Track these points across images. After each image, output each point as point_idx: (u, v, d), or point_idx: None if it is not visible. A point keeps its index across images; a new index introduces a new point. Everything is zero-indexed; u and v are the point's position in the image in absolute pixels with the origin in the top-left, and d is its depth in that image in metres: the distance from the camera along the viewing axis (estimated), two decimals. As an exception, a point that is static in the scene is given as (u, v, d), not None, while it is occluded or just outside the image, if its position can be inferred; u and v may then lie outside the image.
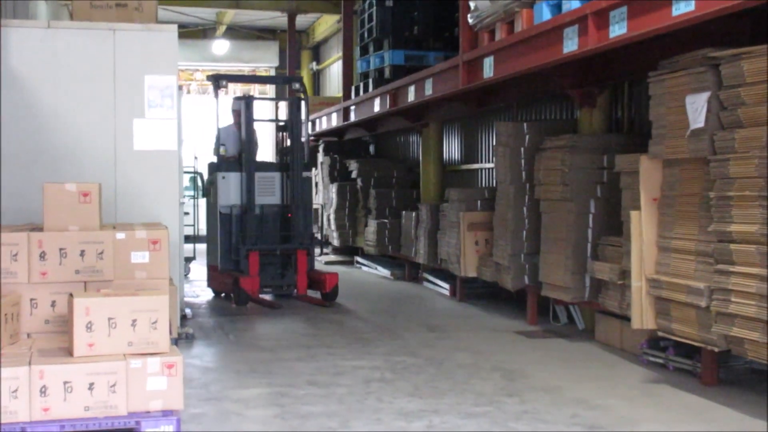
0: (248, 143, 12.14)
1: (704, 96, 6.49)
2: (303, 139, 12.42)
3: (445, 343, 8.89)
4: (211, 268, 12.60)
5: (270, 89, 24.68)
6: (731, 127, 6.33)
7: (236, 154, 12.43)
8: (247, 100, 12.36)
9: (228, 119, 12.70)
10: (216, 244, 12.27)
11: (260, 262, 11.91)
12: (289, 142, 12.62)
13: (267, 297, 12.03)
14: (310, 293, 12.03)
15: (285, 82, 16.12)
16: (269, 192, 12.27)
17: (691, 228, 6.84)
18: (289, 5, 21.16)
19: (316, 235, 12.95)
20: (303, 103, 12.50)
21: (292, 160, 12.16)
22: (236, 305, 11.32)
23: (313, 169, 17.02)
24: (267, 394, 6.84)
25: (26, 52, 7.56)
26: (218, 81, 12.55)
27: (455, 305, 11.65)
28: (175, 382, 5.19)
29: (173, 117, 7.86)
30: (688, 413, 6.27)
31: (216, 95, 12.69)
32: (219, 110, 12.51)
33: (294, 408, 6.38)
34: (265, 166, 12.52)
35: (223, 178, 12.18)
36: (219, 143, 12.51)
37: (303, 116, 12.48)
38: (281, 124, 13.27)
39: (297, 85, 13.02)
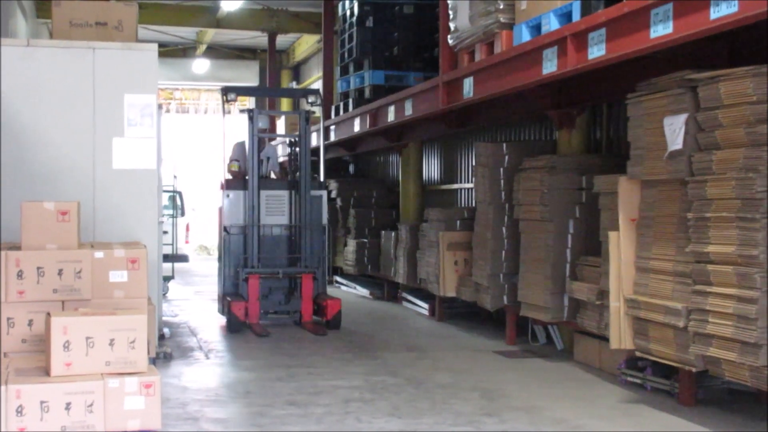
0: (253, 159, 11.53)
1: (682, 118, 6.54)
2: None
3: (424, 363, 8.88)
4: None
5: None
6: (709, 149, 6.37)
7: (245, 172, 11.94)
8: (251, 113, 11.74)
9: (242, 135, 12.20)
10: (221, 268, 11.78)
11: (266, 286, 11.39)
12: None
13: (262, 323, 11.24)
14: (317, 320, 11.38)
15: (301, 94, 15.06)
16: (278, 211, 11.75)
17: (668, 248, 6.87)
18: (270, 25, 21.19)
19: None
20: (321, 113, 11.93)
21: (301, 177, 11.61)
22: (228, 332, 10.86)
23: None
24: (246, 414, 6.81)
25: (5, 70, 7.52)
26: (227, 94, 12.04)
27: (434, 325, 11.64)
28: (152, 401, 5.16)
29: (152, 136, 7.82)
30: (666, 433, 6.29)
31: (224, 109, 12.30)
32: (225, 125, 12.05)
33: (272, 428, 6.35)
34: (273, 184, 11.99)
35: (228, 196, 11.67)
36: (232, 158, 12.11)
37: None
38: (293, 139, 12.50)
39: (313, 98, 12.42)
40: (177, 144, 25.91)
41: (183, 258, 16.97)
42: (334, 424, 6.43)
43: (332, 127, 15.66)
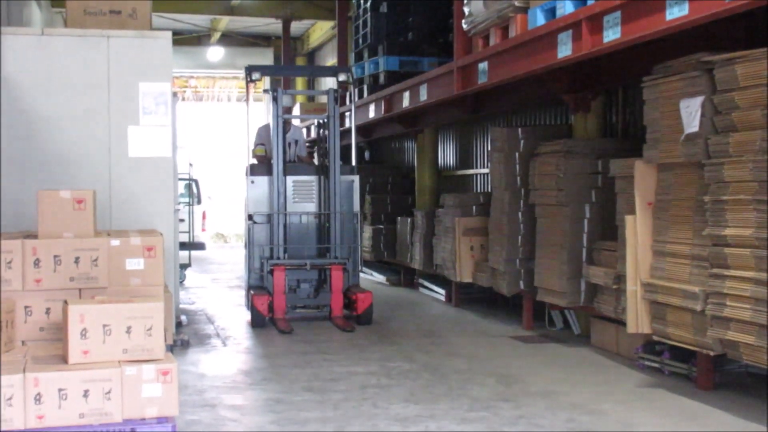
0: (278, 142, 10.88)
1: (698, 100, 6.50)
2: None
3: (440, 349, 8.88)
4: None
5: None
6: (725, 131, 6.33)
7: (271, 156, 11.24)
8: (275, 93, 11.03)
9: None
10: (246, 259, 11.17)
11: (293, 278, 10.82)
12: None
13: (289, 318, 10.61)
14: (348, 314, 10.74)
15: (330, 72, 13.73)
16: (307, 198, 11.17)
17: (685, 232, 6.84)
18: (284, 11, 21.17)
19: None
20: (352, 95, 11.38)
21: (330, 161, 11.00)
22: (252, 327, 10.29)
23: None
24: (263, 401, 6.83)
25: (20, 59, 7.55)
26: (251, 74, 11.37)
27: (451, 311, 11.64)
28: (170, 388, 5.17)
29: (168, 124, 7.84)
30: (683, 417, 6.27)
31: (247, 90, 11.77)
32: (248, 108, 11.47)
33: (290, 414, 6.37)
34: (301, 169, 11.33)
35: (253, 182, 11.03)
36: (257, 142, 11.55)
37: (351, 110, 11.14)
38: (321, 121, 11.75)
39: (344, 76, 11.50)
40: (192, 132, 25.97)
41: (199, 246, 17.01)
42: (351, 410, 6.44)
43: (347, 114, 15.65)
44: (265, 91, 12.19)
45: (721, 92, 6.33)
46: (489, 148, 11.25)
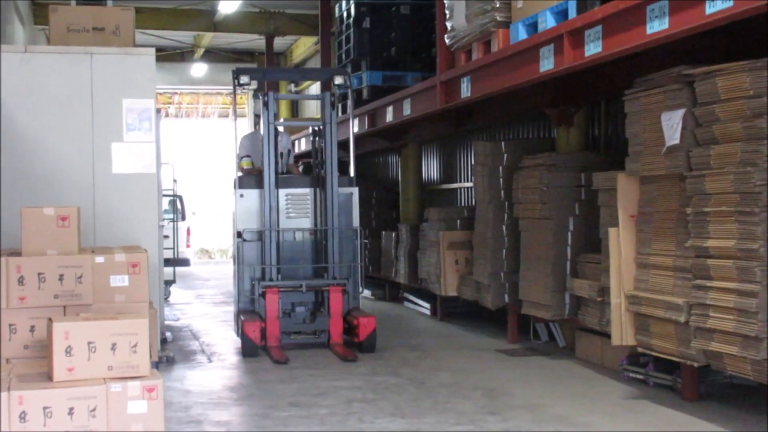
0: (269, 151, 9.98)
1: (679, 113, 6.54)
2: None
3: (426, 363, 8.88)
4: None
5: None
6: (706, 144, 6.37)
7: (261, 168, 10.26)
8: (266, 97, 10.12)
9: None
10: (234, 280, 10.30)
11: (287, 302, 9.88)
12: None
13: (284, 343, 9.73)
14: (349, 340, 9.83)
15: (326, 75, 13.03)
16: (301, 213, 10.25)
17: (668, 244, 6.87)
18: (267, 27, 21.17)
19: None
20: (349, 101, 10.83)
21: (326, 172, 10.10)
22: (243, 356, 9.38)
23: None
24: (249, 416, 6.81)
25: (4, 76, 7.54)
26: (239, 77, 10.43)
27: (436, 324, 11.64)
28: (155, 405, 5.16)
29: (151, 140, 7.84)
30: (669, 429, 6.28)
31: (235, 94, 11.02)
32: (232, 117, 10.90)
33: (276, 428, 6.35)
34: (294, 181, 10.43)
35: (242, 196, 10.11)
36: (241, 155, 10.68)
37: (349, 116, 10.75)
38: (317, 128, 10.71)
39: (341, 79, 10.90)
40: (176, 148, 25.92)
41: (184, 262, 16.97)
42: (337, 425, 6.43)
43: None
44: (255, 95, 11.57)
45: (702, 105, 6.37)
46: (473, 162, 11.27)
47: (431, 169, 15.10)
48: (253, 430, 6.40)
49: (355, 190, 10.48)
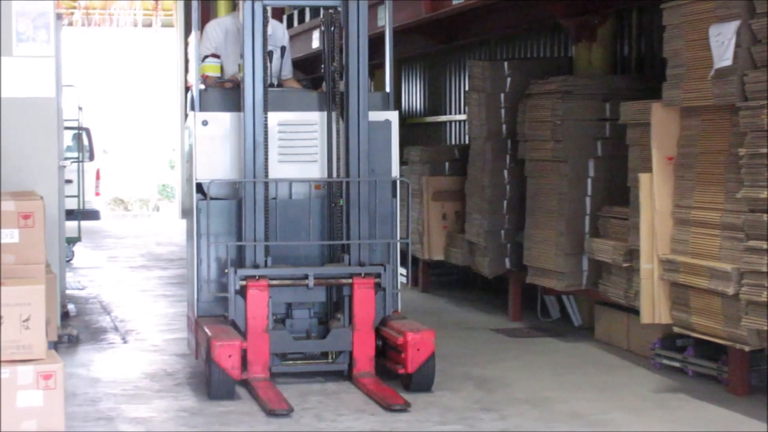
0: (253, 46, 7.78)
1: (732, 26, 6.54)
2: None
3: (404, 345, 8.90)
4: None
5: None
6: (766, 66, 6.38)
7: (238, 77, 8.27)
8: None
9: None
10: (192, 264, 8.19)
11: (281, 302, 7.81)
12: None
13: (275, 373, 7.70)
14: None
15: None
16: (305, 154, 8.12)
17: (715, 195, 6.89)
18: None
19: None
20: None
21: (347, 86, 7.99)
22: (209, 397, 7.13)
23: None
24: (174, 412, 6.82)
25: None
26: None
27: (417, 297, 11.66)
28: (53, 396, 5.16)
29: (50, 54, 7.78)
30: (712, 430, 6.34)
31: None
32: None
33: (209, 428, 6.37)
34: (293, 100, 8.29)
35: (204, 123, 7.97)
36: (205, 53, 8.41)
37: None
38: (331, 10, 8.35)
39: None
40: (83, 66, 25.73)
41: (92, 214, 16.92)
42: (287, 424, 6.45)
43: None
44: None
45: (761, 16, 6.36)
46: (466, 88, 11.26)
47: (413, 96, 15.07)
48: (179, 428, 6.42)
49: (394, 116, 8.53)
